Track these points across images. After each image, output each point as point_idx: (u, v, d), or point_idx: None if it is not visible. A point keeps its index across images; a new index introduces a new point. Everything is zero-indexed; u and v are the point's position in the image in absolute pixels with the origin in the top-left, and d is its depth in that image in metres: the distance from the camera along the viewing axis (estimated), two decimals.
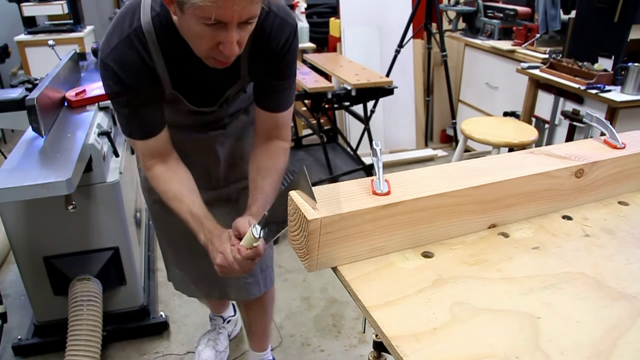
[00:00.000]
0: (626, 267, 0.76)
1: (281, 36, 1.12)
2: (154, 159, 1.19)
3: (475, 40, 3.61)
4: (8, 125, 2.15)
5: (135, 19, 1.05)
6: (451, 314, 0.66)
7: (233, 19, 0.90)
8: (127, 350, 2.00)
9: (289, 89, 1.22)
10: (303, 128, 3.79)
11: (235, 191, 1.43)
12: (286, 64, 1.17)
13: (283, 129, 1.26)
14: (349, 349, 2.01)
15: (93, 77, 2.35)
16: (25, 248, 1.80)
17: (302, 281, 2.41)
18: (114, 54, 1.05)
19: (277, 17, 1.11)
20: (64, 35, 3.87)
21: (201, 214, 1.14)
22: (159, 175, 1.19)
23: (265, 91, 1.21)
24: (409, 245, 0.81)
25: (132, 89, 1.08)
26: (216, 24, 0.90)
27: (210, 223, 1.13)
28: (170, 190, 1.18)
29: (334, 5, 4.13)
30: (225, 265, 1.06)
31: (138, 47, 1.05)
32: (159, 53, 1.08)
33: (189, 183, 1.20)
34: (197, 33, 0.95)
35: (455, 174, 0.85)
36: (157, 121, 1.16)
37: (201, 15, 0.89)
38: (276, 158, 1.24)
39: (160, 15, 1.04)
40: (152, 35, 1.05)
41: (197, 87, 1.18)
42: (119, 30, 1.05)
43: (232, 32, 0.92)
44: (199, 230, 1.14)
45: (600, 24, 2.55)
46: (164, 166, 1.19)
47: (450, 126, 3.88)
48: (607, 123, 0.99)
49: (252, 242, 1.02)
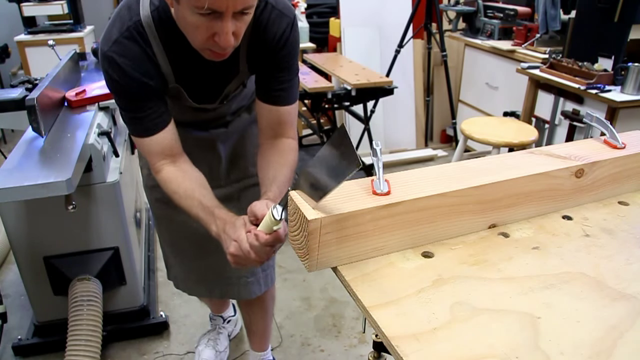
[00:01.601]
0: (626, 267, 0.76)
1: (278, 28, 1.11)
2: (163, 159, 1.14)
3: (475, 40, 3.61)
4: (8, 125, 2.15)
5: (134, 13, 1.04)
6: (451, 314, 0.66)
7: (227, 8, 0.89)
8: (127, 350, 2.00)
9: (290, 82, 1.19)
10: (303, 128, 3.79)
11: (236, 190, 1.42)
12: (285, 56, 1.15)
13: (288, 126, 1.21)
14: (349, 349, 2.01)
15: (93, 77, 2.35)
16: (25, 248, 1.80)
17: (302, 281, 2.41)
18: (116, 46, 1.03)
19: (275, 9, 1.10)
20: (64, 35, 3.87)
21: (212, 205, 1.08)
22: (170, 177, 1.14)
23: (266, 83, 1.19)
24: (409, 245, 0.81)
25: (134, 80, 1.06)
26: (211, 13, 0.90)
27: (222, 211, 1.05)
28: (181, 188, 1.12)
29: (334, 5, 4.13)
30: (240, 254, 0.95)
31: (139, 40, 1.04)
32: (160, 46, 1.07)
33: (201, 180, 1.15)
34: (192, 23, 0.94)
35: (455, 174, 0.85)
36: (163, 115, 1.13)
37: (195, 5, 0.88)
38: (285, 154, 1.19)
39: (159, 9, 1.04)
40: (152, 28, 1.05)
41: (198, 81, 1.17)
42: (119, 24, 1.05)
43: (227, 23, 0.92)
44: (210, 222, 1.05)
45: (600, 24, 2.55)
46: (174, 167, 1.15)
47: (450, 126, 3.88)
48: (607, 123, 0.99)
49: (271, 226, 0.90)
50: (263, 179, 1.14)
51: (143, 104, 1.09)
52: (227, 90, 1.24)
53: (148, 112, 1.10)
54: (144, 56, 1.06)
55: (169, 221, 1.46)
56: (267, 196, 1.06)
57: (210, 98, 1.24)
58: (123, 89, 1.07)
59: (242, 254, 0.94)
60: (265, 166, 1.17)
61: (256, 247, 0.93)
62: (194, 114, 1.28)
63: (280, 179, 1.11)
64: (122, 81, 1.06)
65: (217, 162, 1.39)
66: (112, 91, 1.10)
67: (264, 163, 1.18)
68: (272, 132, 1.20)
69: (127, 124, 1.15)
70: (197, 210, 1.08)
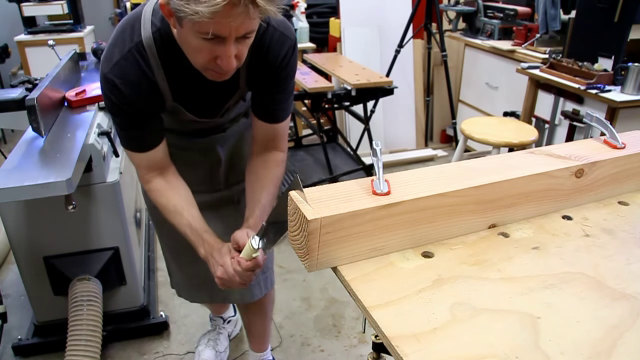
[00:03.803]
0: (626, 267, 0.76)
1: (280, 50, 1.13)
2: (152, 172, 1.20)
3: (475, 40, 3.61)
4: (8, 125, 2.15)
5: (136, 33, 1.05)
6: (451, 314, 0.66)
7: (231, 34, 0.90)
8: (127, 350, 2.00)
9: (287, 101, 1.22)
10: (303, 128, 3.78)
11: (236, 192, 1.43)
12: (284, 78, 1.17)
13: (280, 140, 1.27)
14: (349, 349, 2.01)
15: (93, 77, 2.35)
16: (25, 248, 1.80)
17: (302, 281, 2.41)
18: (116, 69, 1.05)
19: (277, 31, 1.11)
20: (64, 35, 3.87)
21: (201, 228, 1.16)
22: (159, 189, 1.20)
23: (263, 103, 1.22)
24: (409, 245, 0.81)
25: (133, 103, 1.08)
26: (214, 38, 0.90)
27: (209, 237, 1.15)
28: (171, 204, 1.19)
29: (334, 5, 4.13)
30: (226, 277, 1.08)
31: (140, 62, 1.06)
32: (160, 67, 1.08)
33: (188, 197, 1.22)
34: (195, 47, 0.95)
35: (455, 174, 0.85)
36: (157, 134, 1.17)
37: (199, 30, 0.89)
38: (273, 169, 1.26)
39: (160, 30, 1.05)
40: (153, 49, 1.06)
41: (198, 99, 1.19)
42: (120, 45, 1.06)
43: (229, 47, 0.92)
44: (198, 245, 1.16)
45: (600, 24, 2.55)
46: (163, 179, 1.20)
47: (450, 126, 3.88)
48: (607, 123, 0.99)
49: (251, 254, 1.04)
50: (249, 199, 1.24)
51: (139, 125, 1.13)
52: (227, 106, 1.26)
53: (144, 133, 1.15)
54: (143, 78, 1.07)
55: (168, 228, 1.46)
56: (248, 223, 1.17)
57: (211, 114, 1.26)
58: (121, 110, 1.10)
59: (227, 278, 1.08)
60: (253, 181, 1.25)
61: (239, 272, 1.06)
62: (194, 125, 1.29)
63: (263, 202, 1.20)
64: (118, 102, 1.08)
65: (217, 166, 1.40)
66: (110, 111, 1.13)
67: (250, 179, 1.26)
68: (264, 145, 1.27)
69: (120, 139, 1.19)
70: (185, 229, 1.17)
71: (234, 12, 0.84)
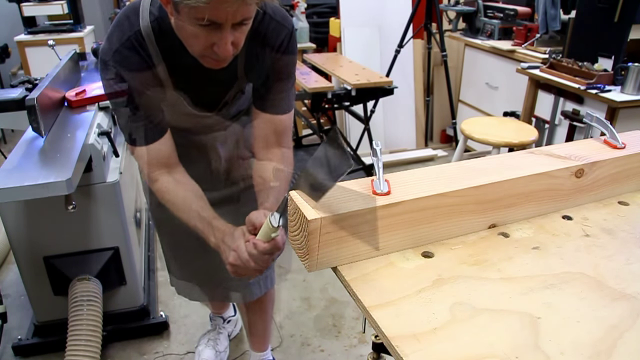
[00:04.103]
0: (626, 267, 0.76)
1: (276, 39, 1.12)
2: (160, 169, 1.16)
3: (475, 40, 3.61)
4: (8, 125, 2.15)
5: (135, 23, 1.06)
6: (451, 314, 0.66)
7: (227, 20, 0.90)
8: (127, 350, 2.00)
9: (287, 91, 1.21)
10: (303, 128, 3.78)
11: (236, 191, 1.43)
12: (282, 66, 1.17)
13: (283, 135, 1.23)
14: (349, 349, 2.01)
15: (93, 77, 2.35)
16: (25, 248, 1.80)
17: (302, 281, 2.41)
18: (116, 55, 1.06)
19: (273, 19, 1.11)
20: (64, 35, 3.87)
21: (209, 216, 1.10)
22: (167, 187, 1.15)
23: (262, 92, 1.21)
24: (409, 245, 0.80)
25: (134, 88, 1.08)
26: (210, 24, 0.90)
27: (219, 222, 1.07)
28: (179, 200, 1.14)
29: (334, 5, 4.13)
30: (239, 263, 0.97)
31: (139, 49, 1.06)
32: (159, 56, 1.08)
33: (197, 190, 1.17)
34: (191, 33, 0.95)
35: (455, 174, 0.85)
36: (160, 124, 1.15)
37: (195, 16, 0.89)
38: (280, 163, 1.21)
39: (158, 19, 1.06)
40: (152, 38, 1.06)
41: (197, 89, 1.19)
42: (119, 33, 1.06)
43: (226, 33, 0.93)
44: (208, 233, 1.07)
45: (600, 24, 2.55)
46: (170, 177, 1.16)
47: (450, 126, 3.88)
48: (607, 123, 0.99)
49: (270, 234, 0.92)
50: (260, 191, 1.17)
51: (139, 111, 1.11)
52: (226, 98, 1.25)
53: (145, 121, 1.13)
54: (143, 65, 1.07)
55: (169, 227, 1.46)
56: (264, 206, 1.07)
57: (210, 105, 1.26)
58: (119, 94, 1.09)
59: (241, 264, 0.96)
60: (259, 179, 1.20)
61: (255, 256, 0.94)
62: (194, 120, 1.29)
63: (277, 189, 1.13)
64: (118, 87, 1.08)
65: (217, 164, 1.40)
66: (111, 98, 1.12)
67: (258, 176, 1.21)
68: (267, 141, 1.22)
69: (124, 132, 1.17)
70: (195, 221, 1.09)
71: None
